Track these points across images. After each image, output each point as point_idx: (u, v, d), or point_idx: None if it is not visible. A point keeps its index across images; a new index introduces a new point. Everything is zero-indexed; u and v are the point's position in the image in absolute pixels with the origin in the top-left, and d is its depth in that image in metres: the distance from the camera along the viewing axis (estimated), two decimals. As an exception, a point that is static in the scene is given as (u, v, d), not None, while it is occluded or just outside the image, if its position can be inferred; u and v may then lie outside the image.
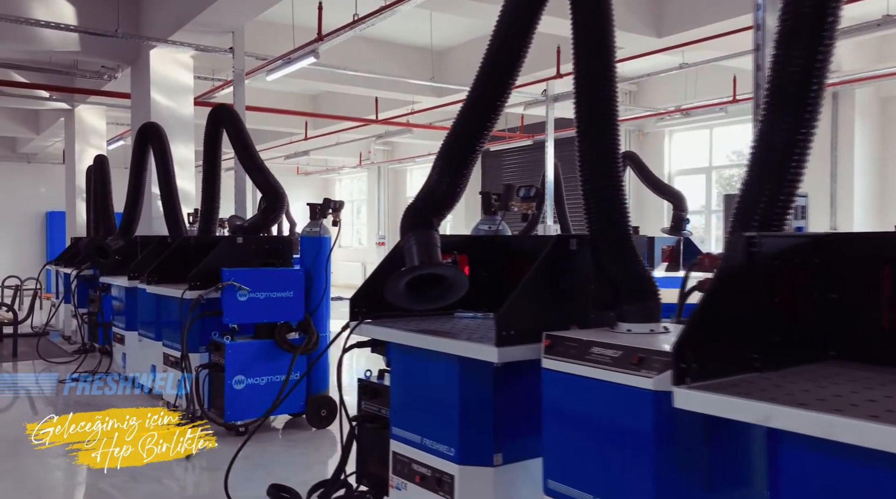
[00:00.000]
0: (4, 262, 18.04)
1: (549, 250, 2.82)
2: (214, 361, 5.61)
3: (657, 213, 12.66)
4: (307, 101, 14.32)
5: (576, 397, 2.48)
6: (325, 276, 5.91)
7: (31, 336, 10.61)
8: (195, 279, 5.64)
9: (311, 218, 5.95)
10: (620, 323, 2.75)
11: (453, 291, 3.19)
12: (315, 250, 5.88)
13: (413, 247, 3.20)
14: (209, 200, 6.66)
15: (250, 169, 6.08)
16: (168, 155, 7.24)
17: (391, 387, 3.39)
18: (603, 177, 2.75)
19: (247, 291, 5.47)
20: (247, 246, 5.89)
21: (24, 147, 18.32)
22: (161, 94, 8.57)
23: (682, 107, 11.06)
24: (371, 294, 3.51)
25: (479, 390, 2.93)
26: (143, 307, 6.84)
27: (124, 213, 7.79)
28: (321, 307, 5.86)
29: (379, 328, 3.30)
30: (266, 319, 5.60)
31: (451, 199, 3.24)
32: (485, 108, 3.09)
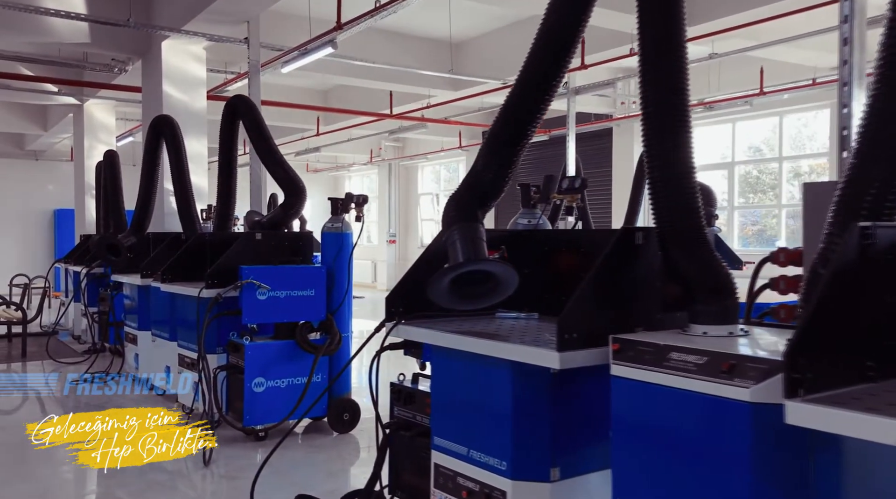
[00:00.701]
0: (13, 260, 17.87)
1: (614, 245, 2.56)
2: (233, 362, 5.37)
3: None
4: (318, 96, 14.07)
5: (652, 409, 2.22)
6: (348, 273, 5.67)
7: (41, 336, 10.42)
8: (213, 277, 5.40)
9: (333, 213, 5.70)
10: (694, 325, 2.49)
11: (502, 290, 2.94)
12: (337, 247, 5.63)
13: (457, 242, 2.95)
14: (225, 195, 6.42)
15: (269, 162, 5.84)
16: (182, 149, 7.00)
17: (432, 393, 3.14)
18: (674, 163, 2.49)
19: (267, 290, 5.22)
20: (266, 243, 5.65)
21: (32, 144, 18.13)
22: (173, 86, 8.33)
23: (706, 100, 10.76)
24: (408, 293, 3.27)
25: (535, 398, 2.68)
26: (156, 306, 6.61)
27: (136, 209, 7.56)
28: (343, 306, 5.62)
29: (420, 330, 3.05)
30: (287, 319, 5.36)
31: (498, 189, 2.99)
32: (537, 90, 2.83)
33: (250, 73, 7.43)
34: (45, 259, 18.66)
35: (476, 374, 2.82)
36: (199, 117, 8.35)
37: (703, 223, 2.53)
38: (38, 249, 19.17)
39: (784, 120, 11.56)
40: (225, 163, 6.39)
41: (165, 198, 8.19)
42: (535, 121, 2.86)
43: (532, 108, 2.84)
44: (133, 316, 7.23)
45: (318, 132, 13.96)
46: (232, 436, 5.34)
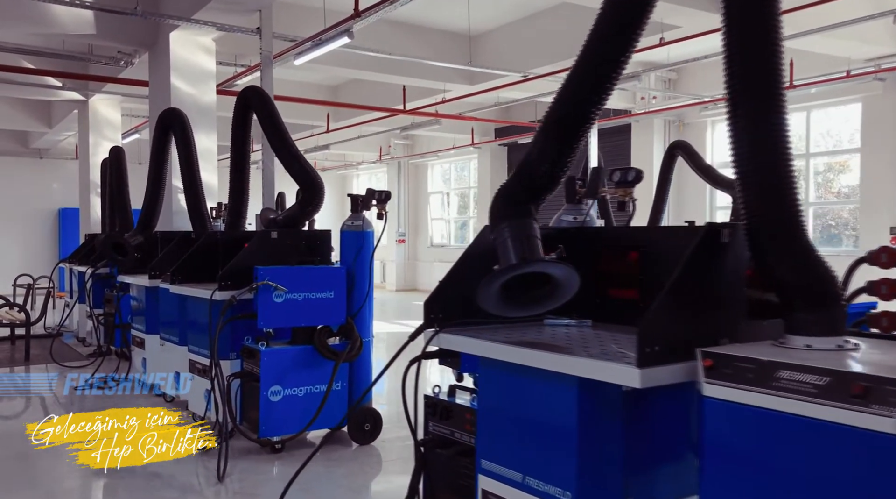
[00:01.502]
0: (16, 260, 17.60)
1: (699, 243, 2.23)
2: (247, 369, 5.05)
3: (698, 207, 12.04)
4: (328, 92, 13.75)
5: (757, 437, 1.89)
6: (369, 274, 5.34)
7: (45, 338, 10.15)
8: (226, 278, 5.07)
9: (353, 211, 5.37)
10: (792, 336, 2.15)
11: (560, 294, 2.61)
12: (357, 246, 5.30)
13: (508, 240, 2.62)
14: (238, 191, 6.10)
15: (284, 157, 5.50)
16: (192, 144, 6.68)
17: (479, 411, 2.81)
18: (769, 147, 2.15)
19: (283, 292, 4.90)
20: (282, 242, 5.32)
21: (37, 142, 17.85)
22: (182, 79, 8.01)
23: (729, 94, 10.37)
24: (447, 297, 2.94)
25: (604, 418, 2.35)
26: (165, 309, 6.29)
27: (143, 207, 7.24)
28: (364, 309, 5.29)
29: (466, 340, 2.71)
30: (305, 323, 5.04)
31: (554, 181, 2.65)
32: (603, 66, 2.49)
33: (262, 64, 7.10)
34: (50, 259, 18.38)
35: (534, 391, 2.48)
36: (209, 112, 8.03)
37: (803, 218, 2.20)
38: (42, 249, 18.90)
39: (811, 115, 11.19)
40: (237, 158, 6.06)
41: (174, 195, 7.86)
42: (599, 103, 2.52)
43: (597, 87, 2.50)
44: (140, 319, 6.91)
45: (328, 129, 13.63)
46: (246, 448, 5.02)
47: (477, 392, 2.95)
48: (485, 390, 2.75)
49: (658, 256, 3.02)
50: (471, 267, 3.00)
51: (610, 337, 2.71)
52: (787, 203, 2.14)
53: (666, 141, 12.48)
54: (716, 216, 12.13)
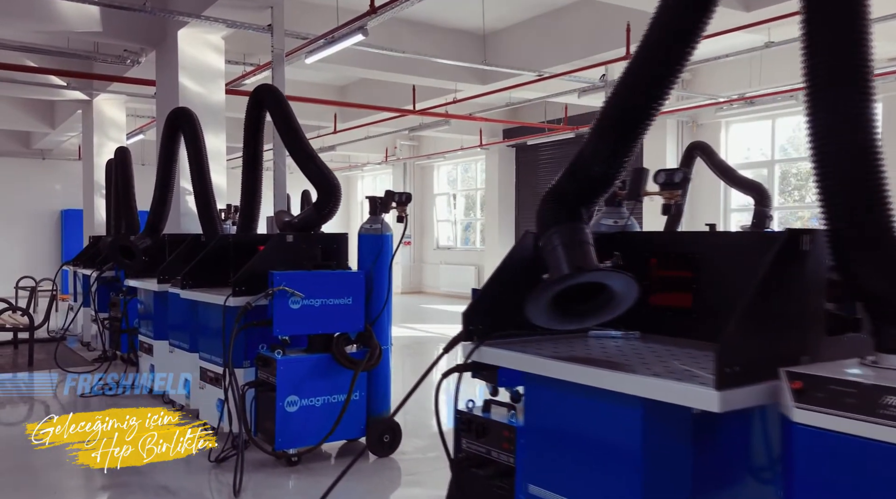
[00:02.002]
0: (19, 262, 17.40)
1: (778, 252, 2.03)
2: (262, 378, 4.84)
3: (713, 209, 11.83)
4: (335, 92, 13.56)
5: (859, 469, 1.69)
6: (388, 280, 5.14)
7: (48, 342, 9.97)
8: (240, 284, 4.88)
9: (371, 213, 5.18)
10: (886, 355, 1.95)
11: (617, 305, 2.41)
12: (376, 250, 5.10)
13: (559, 248, 2.42)
14: (250, 193, 5.90)
15: (300, 158, 5.31)
16: (201, 144, 6.48)
17: (524, 431, 2.61)
18: (857, 141, 1.93)
19: (300, 298, 4.70)
20: (298, 245, 5.13)
21: (39, 142, 17.66)
22: (190, 78, 7.82)
23: (747, 94, 10.20)
24: (488, 308, 2.74)
25: (671, 442, 2.15)
26: (174, 314, 6.10)
27: (151, 209, 7.04)
28: (383, 316, 5.09)
29: (511, 354, 2.51)
30: (322, 330, 4.84)
31: (608, 182, 2.45)
32: (669, 53, 2.28)
33: (274, 62, 6.91)
34: (52, 261, 18.19)
35: (591, 411, 2.28)
36: (218, 112, 7.84)
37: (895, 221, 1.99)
38: (44, 251, 18.71)
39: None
40: (250, 158, 5.87)
41: (181, 197, 7.67)
42: (663, 95, 2.32)
43: (660, 77, 2.29)
44: (148, 323, 6.71)
45: (335, 130, 13.44)
46: (261, 460, 4.81)
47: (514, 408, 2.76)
48: (532, 408, 2.55)
49: (713, 264, 2.83)
50: (511, 276, 2.81)
51: (666, 352, 2.52)
52: (878, 204, 1.93)
53: (679, 142, 12.29)
54: (730, 219, 11.94)
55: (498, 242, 16.23)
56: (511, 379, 3.10)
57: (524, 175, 16.26)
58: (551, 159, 15.43)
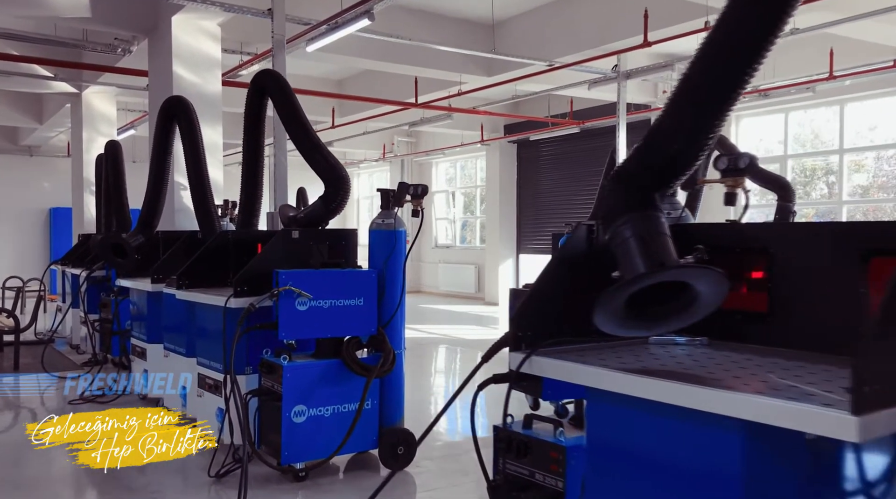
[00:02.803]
0: (5, 261, 16.92)
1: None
2: (267, 386, 4.46)
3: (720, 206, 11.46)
4: (333, 86, 13.15)
5: None
6: (402, 279, 4.77)
7: (36, 344, 9.55)
8: (243, 283, 4.50)
9: (383, 207, 4.81)
10: None
11: (701, 306, 2.05)
12: (388, 247, 4.74)
13: (631, 240, 2.06)
14: (251, 186, 5.52)
15: (305, 148, 4.93)
16: (198, 134, 6.09)
17: (581, 452, 2.25)
18: None
19: (308, 299, 4.33)
20: (304, 242, 4.75)
21: (27, 139, 17.19)
22: (184, 68, 7.43)
23: (762, 87, 9.87)
24: (538, 311, 2.38)
25: (778, 475, 1.79)
26: (170, 316, 5.71)
27: (144, 204, 6.65)
28: (396, 318, 4.73)
29: (574, 367, 2.14)
30: (331, 334, 4.47)
31: (687, 163, 2.09)
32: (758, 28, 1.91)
33: (274, 49, 6.52)
34: (40, 261, 17.72)
35: (673, 434, 1.92)
36: (214, 103, 7.45)
37: None
38: (32, 251, 18.23)
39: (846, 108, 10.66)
40: (251, 149, 5.49)
41: (176, 192, 7.28)
42: (754, 65, 1.95)
43: (753, 45, 1.92)
44: (141, 326, 6.32)
45: (333, 124, 13.04)
46: (265, 475, 4.43)
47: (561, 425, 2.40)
48: (597, 428, 2.18)
49: (791, 261, 2.47)
50: (563, 274, 2.46)
51: (750, 362, 2.16)
52: None
53: (688, 137, 11.94)
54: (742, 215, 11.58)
55: (499, 241, 15.87)
56: (557, 391, 2.75)
57: (525, 172, 15.90)
58: (553, 156, 15.09)
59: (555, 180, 15.02)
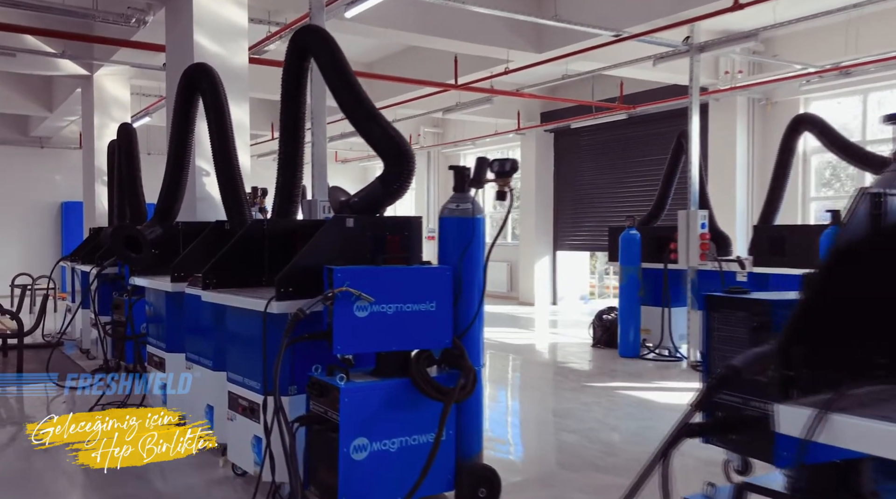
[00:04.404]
0: (15, 258, 16.14)
1: None
2: (316, 411, 3.57)
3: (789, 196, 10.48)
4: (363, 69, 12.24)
5: None
6: (481, 278, 3.86)
7: (43, 347, 8.74)
8: (287, 283, 3.61)
9: (457, 189, 3.89)
10: None
11: None
12: (465, 238, 3.82)
13: None
14: (290, 166, 4.63)
15: (358, 117, 4.05)
16: (225, 107, 5.22)
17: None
18: None
19: (369, 303, 3.43)
20: (360, 232, 3.85)
21: (37, 129, 16.38)
22: (207, 37, 6.55)
23: (843, 63, 8.87)
24: (814, 331, 1.47)
25: None
26: (193, 321, 4.84)
27: (162, 192, 5.78)
28: (474, 327, 3.82)
29: None
30: (397, 347, 3.57)
31: None
32: None
33: (312, 12, 5.61)
34: (51, 257, 16.90)
35: None
36: (241, 77, 6.57)
37: None
38: (43, 246, 17.43)
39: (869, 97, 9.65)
40: (290, 121, 4.59)
41: (197, 179, 6.41)
42: None
43: None
44: (159, 331, 5.44)
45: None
46: (315, 523, 3.54)
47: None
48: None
49: None
50: (844, 280, 1.54)
51: None
52: None
53: (750, 123, 10.97)
54: (809, 208, 10.62)
55: (534, 238, 14.91)
56: (789, 450, 1.85)
57: (564, 163, 14.90)
58: (594, 145, 14.08)
59: (596, 171, 14.02)
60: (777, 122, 10.91)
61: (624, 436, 5.25)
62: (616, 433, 5.30)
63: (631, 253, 8.37)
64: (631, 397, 6.38)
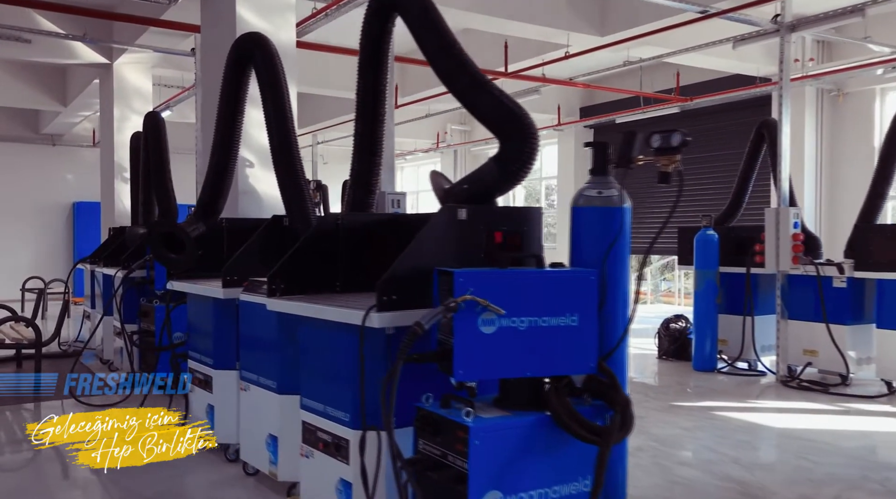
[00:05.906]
0: (26, 261, 15.43)
1: None
2: (428, 453, 2.79)
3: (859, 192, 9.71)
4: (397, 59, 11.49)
5: None
6: (627, 284, 3.09)
7: (60, 358, 8.05)
8: (391, 290, 2.85)
9: (595, 172, 3.12)
10: None
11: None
12: (609, 234, 3.04)
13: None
14: (369, 150, 3.87)
15: (464, 86, 3.28)
16: (283, 84, 4.48)
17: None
18: None
19: (498, 316, 2.66)
20: (474, 227, 3.09)
21: (49, 125, 15.66)
22: (251, 10, 5.82)
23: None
24: None
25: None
26: (250, 334, 4.09)
27: (206, 184, 5.03)
28: (622, 347, 3.04)
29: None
30: (532, 371, 2.79)
31: None
32: None
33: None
34: (63, 260, 16.26)
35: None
36: (289, 55, 5.80)
37: None
38: (54, 249, 16.72)
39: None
40: (367, 96, 3.82)
41: (240, 169, 5.66)
42: None
43: None
44: (203, 344, 4.68)
45: (396, 104, 11.34)
46: None
47: None
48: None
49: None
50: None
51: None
52: None
53: (819, 115, 10.19)
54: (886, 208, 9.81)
55: (571, 240, 14.12)
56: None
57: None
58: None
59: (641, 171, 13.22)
60: (850, 115, 10.13)
61: (748, 469, 4.46)
62: (737, 466, 4.51)
63: (708, 255, 7.57)
64: (734, 419, 5.58)
